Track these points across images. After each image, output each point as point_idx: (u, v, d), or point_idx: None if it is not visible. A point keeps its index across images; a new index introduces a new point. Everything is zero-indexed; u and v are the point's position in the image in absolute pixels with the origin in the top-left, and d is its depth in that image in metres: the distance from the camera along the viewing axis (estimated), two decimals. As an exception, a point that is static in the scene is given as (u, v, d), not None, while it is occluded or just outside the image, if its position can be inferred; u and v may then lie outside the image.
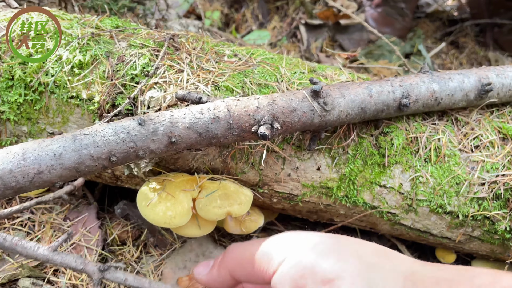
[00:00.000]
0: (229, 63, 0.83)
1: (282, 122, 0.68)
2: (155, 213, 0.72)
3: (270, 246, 0.52)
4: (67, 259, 0.60)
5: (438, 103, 0.77)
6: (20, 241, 0.58)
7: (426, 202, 0.80)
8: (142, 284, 0.61)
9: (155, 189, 0.75)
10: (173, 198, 0.73)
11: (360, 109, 0.72)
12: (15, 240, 0.57)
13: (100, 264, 0.59)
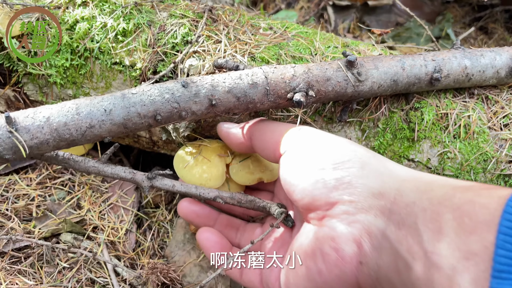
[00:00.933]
0: (265, 36, 0.86)
1: (317, 90, 0.70)
2: (191, 174, 0.76)
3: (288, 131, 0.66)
4: (116, 170, 0.67)
5: (469, 79, 0.79)
6: (71, 155, 0.64)
7: (453, 177, 0.81)
8: (189, 189, 0.70)
9: (192, 153, 0.79)
10: (209, 162, 0.77)
11: (392, 81, 0.74)
12: (66, 154, 0.64)
13: (148, 173, 0.66)
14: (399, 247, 0.45)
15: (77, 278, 0.81)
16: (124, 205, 0.91)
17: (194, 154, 0.78)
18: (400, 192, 0.49)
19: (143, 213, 0.92)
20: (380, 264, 0.48)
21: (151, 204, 0.95)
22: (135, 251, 0.87)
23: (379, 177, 0.53)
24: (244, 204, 0.75)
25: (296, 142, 0.63)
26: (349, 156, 0.56)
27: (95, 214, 0.88)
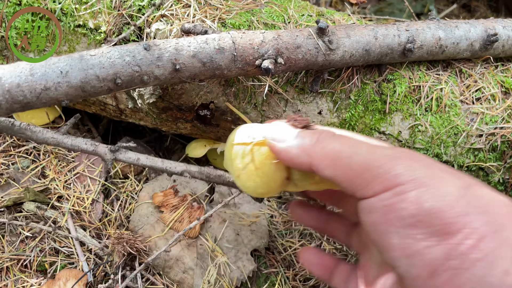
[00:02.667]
0: (237, 1, 0.83)
1: (286, 58, 0.68)
2: (246, 187, 0.54)
3: (383, 160, 0.40)
4: (77, 141, 0.64)
5: (442, 51, 0.77)
6: (29, 125, 0.61)
7: (423, 150, 0.81)
8: (155, 163, 0.66)
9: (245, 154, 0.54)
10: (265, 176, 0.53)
11: (364, 51, 0.72)
12: (23, 124, 0.60)
13: (111, 145, 0.63)
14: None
15: (40, 247, 0.79)
16: (91, 175, 0.89)
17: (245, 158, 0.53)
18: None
19: (111, 183, 0.90)
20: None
21: (119, 175, 0.92)
22: (101, 221, 0.85)
23: (496, 262, 0.35)
24: (213, 178, 0.74)
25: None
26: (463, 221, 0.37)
27: (60, 184, 0.85)
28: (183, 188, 0.90)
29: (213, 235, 0.86)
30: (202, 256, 0.83)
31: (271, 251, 0.88)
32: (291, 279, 0.84)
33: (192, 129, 0.88)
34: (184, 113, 0.82)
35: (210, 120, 0.83)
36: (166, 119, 0.85)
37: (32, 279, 0.77)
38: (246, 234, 0.87)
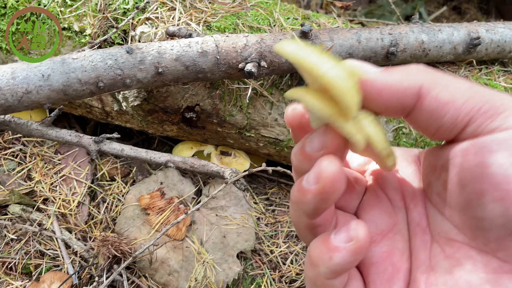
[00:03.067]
0: (223, 4, 0.83)
1: (270, 61, 0.69)
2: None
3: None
4: (61, 133, 0.64)
5: (426, 54, 0.78)
6: (13, 117, 0.61)
7: (407, 152, 0.82)
8: (139, 153, 0.66)
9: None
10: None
11: (347, 54, 0.73)
12: (7, 117, 0.61)
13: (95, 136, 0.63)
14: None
15: (25, 250, 0.79)
16: (77, 177, 0.89)
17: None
18: None
19: (97, 185, 0.90)
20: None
21: (106, 177, 0.93)
22: (87, 223, 0.85)
23: None
24: (197, 168, 0.74)
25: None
26: None
27: (46, 186, 0.85)
28: (169, 190, 0.91)
29: (199, 237, 0.87)
30: (188, 259, 0.83)
31: (257, 253, 0.88)
32: (277, 281, 0.85)
33: (178, 131, 0.88)
34: (170, 115, 0.83)
35: (196, 122, 0.84)
36: (152, 122, 0.85)
37: (17, 282, 0.76)
38: (233, 237, 0.87)
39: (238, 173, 0.74)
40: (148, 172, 0.95)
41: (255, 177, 1.02)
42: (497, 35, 0.81)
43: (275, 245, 0.89)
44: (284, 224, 0.93)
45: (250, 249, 0.87)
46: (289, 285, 0.84)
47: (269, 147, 0.87)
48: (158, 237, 0.68)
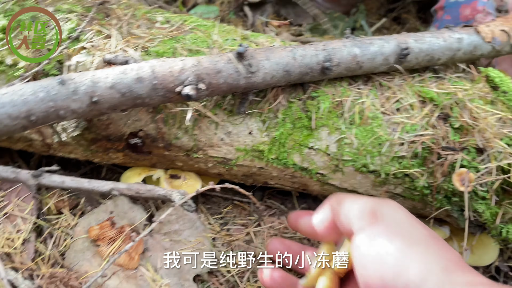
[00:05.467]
0: (161, 29, 0.84)
1: (208, 83, 0.69)
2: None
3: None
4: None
5: (360, 67, 0.82)
6: None
7: (351, 162, 0.84)
8: (81, 184, 0.65)
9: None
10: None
11: (284, 71, 0.75)
12: None
13: (33, 170, 0.61)
14: None
15: (-34, 295, 0.75)
16: (22, 214, 0.85)
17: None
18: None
19: (43, 220, 0.87)
20: None
21: (53, 211, 0.90)
22: (34, 261, 0.82)
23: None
24: (143, 194, 0.74)
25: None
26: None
27: (-13, 226, 0.81)
28: (120, 219, 0.89)
29: (154, 264, 0.85)
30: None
31: (214, 274, 0.88)
32: (236, 301, 0.84)
33: (125, 158, 0.87)
34: (114, 143, 0.82)
35: (141, 148, 0.83)
36: (97, 151, 0.84)
37: (-41, 331, 0.72)
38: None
39: (185, 194, 0.73)
40: (98, 202, 0.93)
41: (209, 198, 1.02)
42: (425, 44, 0.86)
43: (232, 264, 0.89)
44: (240, 242, 0.92)
45: (206, 271, 0.86)
46: (248, 304, 0.84)
47: (219, 166, 0.88)
48: (106, 268, 0.67)
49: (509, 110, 0.84)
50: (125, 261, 0.83)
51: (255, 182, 0.94)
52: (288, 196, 1.03)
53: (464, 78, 0.93)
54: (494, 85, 0.86)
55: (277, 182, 0.92)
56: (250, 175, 0.90)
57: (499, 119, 0.85)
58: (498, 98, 0.89)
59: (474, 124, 0.83)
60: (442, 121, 0.85)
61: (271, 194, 1.04)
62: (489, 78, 0.87)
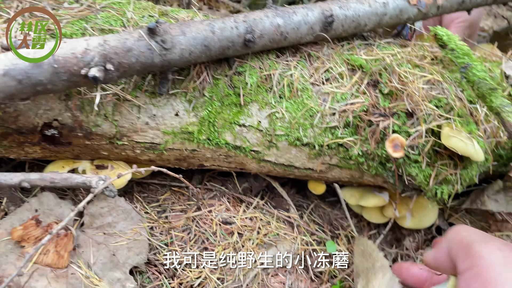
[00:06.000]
0: (69, 10, 0.77)
1: (118, 64, 0.64)
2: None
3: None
4: None
5: (285, 38, 0.79)
6: None
7: (284, 136, 0.82)
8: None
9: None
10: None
11: (203, 46, 0.71)
12: None
13: None
14: None
15: None
16: None
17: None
18: None
19: (-41, 226, 0.80)
20: None
21: (-30, 215, 0.83)
22: (-50, 271, 0.75)
23: None
24: (58, 183, 0.69)
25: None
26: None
27: None
28: (46, 217, 0.83)
29: (86, 261, 0.80)
30: (74, 286, 0.76)
31: (153, 264, 0.84)
32: (177, 289, 0.81)
33: (43, 151, 0.81)
34: (27, 136, 0.75)
35: (59, 139, 0.77)
36: (10, 146, 0.77)
37: None
38: (123, 253, 0.82)
39: (106, 180, 0.69)
40: (22, 201, 0.87)
41: (145, 186, 0.97)
42: (351, 11, 0.84)
43: (172, 252, 0.86)
44: (179, 229, 0.89)
45: (144, 262, 0.83)
46: (189, 291, 0.82)
47: (148, 152, 0.83)
48: (22, 266, 0.62)
49: (458, 68, 0.82)
50: (53, 260, 0.78)
51: (191, 166, 0.90)
52: (229, 177, 1.01)
53: (393, 43, 0.93)
54: (442, 44, 0.84)
55: (212, 164, 0.89)
56: (183, 158, 0.86)
57: (427, 81, 0.86)
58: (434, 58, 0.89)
59: (402, 88, 0.83)
60: (372, 88, 0.84)
61: (211, 177, 1.01)
62: (437, 36, 0.85)
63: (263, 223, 0.93)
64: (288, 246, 0.90)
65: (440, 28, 0.85)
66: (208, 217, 0.91)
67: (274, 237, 0.90)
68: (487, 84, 0.76)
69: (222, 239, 0.88)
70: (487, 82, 0.76)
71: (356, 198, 0.96)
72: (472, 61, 0.79)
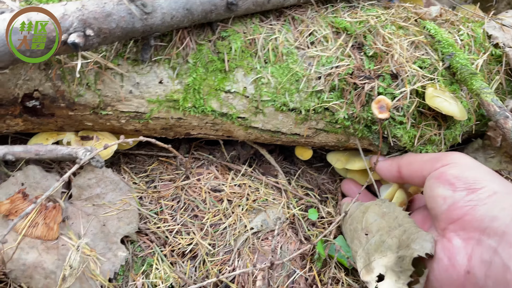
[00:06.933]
0: (43, -25, 0.74)
1: (98, 29, 0.63)
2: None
3: (437, 156, 0.74)
4: None
5: (268, 0, 0.78)
6: None
7: (270, 102, 0.82)
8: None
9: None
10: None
11: (185, 10, 0.69)
12: None
13: None
14: (510, 262, 0.55)
15: None
16: None
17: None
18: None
19: None
20: (489, 275, 0.58)
21: (-46, 191, 0.81)
22: None
23: (499, 204, 0.61)
24: (44, 155, 0.68)
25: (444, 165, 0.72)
26: (484, 184, 0.65)
27: None
28: (33, 190, 0.82)
29: (77, 232, 0.80)
30: (65, 257, 0.77)
31: (144, 233, 0.85)
32: (169, 256, 0.82)
33: (26, 124, 0.79)
34: (8, 108, 0.74)
35: (41, 110, 0.76)
36: (-10, 119, 0.75)
37: None
38: (113, 223, 0.82)
39: (92, 150, 0.68)
40: (7, 175, 0.86)
41: (132, 157, 0.97)
42: (334, -28, 0.83)
43: (162, 221, 0.86)
44: (168, 198, 0.90)
45: (134, 231, 0.83)
46: (181, 258, 0.83)
47: (133, 122, 0.82)
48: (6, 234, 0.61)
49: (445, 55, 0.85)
50: (43, 232, 0.78)
51: (177, 135, 0.90)
52: (216, 146, 1.01)
53: (376, 5, 0.92)
54: (431, 35, 0.88)
55: (199, 132, 0.89)
56: (170, 127, 0.86)
57: (412, 43, 0.86)
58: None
59: (387, 50, 0.83)
60: (356, 50, 0.84)
61: (199, 146, 1.01)
62: (426, 29, 0.88)
63: (252, 190, 0.94)
64: (277, 211, 0.91)
65: (427, 23, 0.88)
66: (197, 185, 0.92)
67: (263, 202, 0.92)
68: (469, 70, 0.82)
69: (212, 206, 0.89)
70: (469, 68, 0.82)
71: (342, 162, 0.97)
72: (456, 51, 0.85)
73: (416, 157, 0.80)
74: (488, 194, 0.63)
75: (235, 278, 0.79)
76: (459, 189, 0.65)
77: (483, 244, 0.60)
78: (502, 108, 0.74)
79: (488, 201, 0.62)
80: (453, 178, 0.67)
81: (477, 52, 0.91)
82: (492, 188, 0.63)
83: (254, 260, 0.82)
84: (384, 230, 0.76)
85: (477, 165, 0.70)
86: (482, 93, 0.77)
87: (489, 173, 0.67)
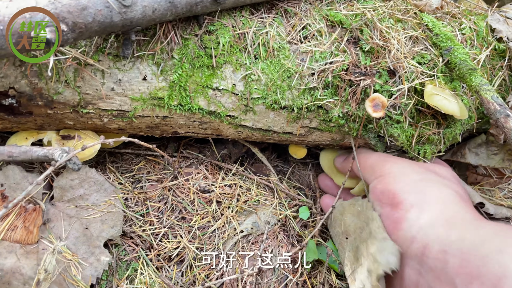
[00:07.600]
0: (18, -35, 0.70)
1: (72, 24, 0.58)
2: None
3: (375, 164, 0.78)
4: None
5: (257, -7, 0.73)
6: None
7: (261, 99, 0.78)
8: None
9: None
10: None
11: (168, 2, 0.65)
12: None
13: None
14: (433, 284, 0.58)
15: None
16: None
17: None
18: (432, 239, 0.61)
19: None
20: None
21: None
22: None
23: (416, 223, 0.65)
24: (18, 157, 0.64)
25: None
26: (402, 197, 0.69)
27: None
28: (13, 191, 0.79)
29: (58, 235, 0.77)
30: (46, 262, 0.73)
31: (128, 236, 0.81)
32: (154, 260, 0.79)
33: (3, 122, 0.75)
34: (-18, 107, 0.70)
35: (18, 109, 0.72)
36: (-35, 118, 0.72)
37: None
38: (96, 226, 0.79)
39: (70, 151, 0.64)
40: (-15, 176, 0.82)
41: (118, 156, 0.93)
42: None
43: (148, 223, 0.83)
44: (155, 199, 0.86)
45: (119, 234, 0.80)
46: (168, 262, 0.79)
47: (116, 120, 0.78)
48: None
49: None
50: (22, 236, 0.75)
51: (164, 133, 0.86)
52: (206, 144, 0.97)
53: (374, -3, 0.87)
54: (429, 29, 0.83)
55: (187, 131, 0.85)
56: (155, 126, 0.82)
57: (410, 37, 0.81)
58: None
59: (384, 45, 0.78)
60: (352, 45, 0.80)
61: (188, 144, 0.97)
62: (423, 22, 0.84)
63: (243, 190, 0.90)
64: (268, 212, 0.88)
65: (425, 15, 0.84)
66: (186, 186, 0.88)
67: (254, 203, 0.88)
68: (468, 65, 0.77)
69: (201, 208, 0.86)
70: (468, 63, 0.78)
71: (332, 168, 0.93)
72: (455, 45, 0.81)
73: (363, 158, 0.82)
74: (406, 210, 0.67)
75: (223, 284, 0.76)
76: (385, 205, 0.70)
77: (412, 267, 0.63)
78: (502, 106, 0.70)
79: (408, 216, 0.66)
80: (380, 194, 0.72)
81: (479, 47, 0.86)
82: (409, 202, 0.67)
83: (243, 265, 0.78)
84: (357, 233, 0.76)
85: (402, 173, 0.73)
86: (481, 90, 0.73)
87: (409, 183, 0.71)
